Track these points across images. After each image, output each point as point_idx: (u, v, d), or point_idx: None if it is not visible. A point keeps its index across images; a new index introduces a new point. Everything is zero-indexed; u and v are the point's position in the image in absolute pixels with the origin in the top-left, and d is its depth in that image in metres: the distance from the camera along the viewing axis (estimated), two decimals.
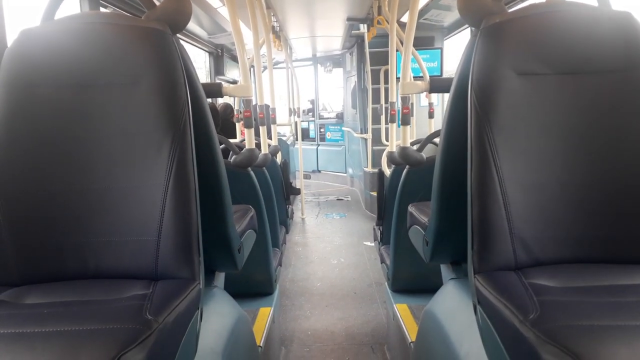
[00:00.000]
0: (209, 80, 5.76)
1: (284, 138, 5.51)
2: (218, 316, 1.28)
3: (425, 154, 2.12)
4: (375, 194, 3.70)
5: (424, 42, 5.15)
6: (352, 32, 5.47)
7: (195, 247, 1.03)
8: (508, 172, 1.02)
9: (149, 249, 1.01)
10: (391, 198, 2.47)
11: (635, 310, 0.78)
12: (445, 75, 5.13)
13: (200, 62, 5.75)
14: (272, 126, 3.29)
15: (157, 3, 1.15)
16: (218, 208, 1.28)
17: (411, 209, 1.69)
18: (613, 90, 1.05)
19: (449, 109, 1.26)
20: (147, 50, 1.06)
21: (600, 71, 1.06)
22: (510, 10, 1.13)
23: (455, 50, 5.40)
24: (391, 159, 2.50)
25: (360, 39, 5.82)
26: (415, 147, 2.31)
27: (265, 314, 2.18)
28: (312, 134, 8.38)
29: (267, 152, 2.56)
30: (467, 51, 1.17)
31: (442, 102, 5.26)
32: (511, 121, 1.04)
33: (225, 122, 4.17)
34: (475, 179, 1.03)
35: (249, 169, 2.21)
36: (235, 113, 3.82)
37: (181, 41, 1.14)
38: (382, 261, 2.68)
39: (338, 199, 6.66)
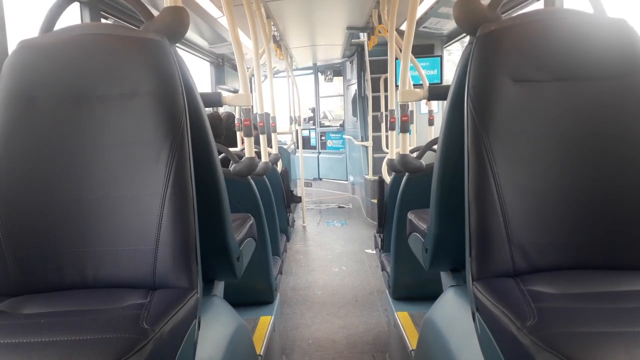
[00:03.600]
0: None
1: (284, 146, 5.52)
2: (217, 325, 1.27)
3: (425, 161, 2.12)
4: (376, 201, 3.70)
5: (423, 50, 5.18)
6: (353, 40, 5.51)
7: (193, 256, 1.03)
8: (505, 179, 1.02)
9: (147, 258, 1.01)
10: (391, 205, 2.46)
11: (634, 317, 0.77)
12: (445, 83, 5.14)
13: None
14: (272, 134, 3.30)
15: (156, 14, 1.16)
16: (216, 216, 1.28)
17: (410, 216, 1.69)
18: (609, 96, 1.05)
19: (446, 117, 1.26)
20: (145, 60, 1.07)
21: (596, 78, 1.06)
22: (506, 18, 1.14)
23: (456, 57, 5.43)
24: (391, 167, 2.50)
25: (360, 47, 5.85)
26: (415, 155, 2.32)
27: (265, 322, 2.17)
28: (313, 142, 8.40)
29: (267, 160, 2.57)
30: (464, 58, 1.17)
31: (442, 109, 5.27)
32: (508, 128, 1.04)
33: (227, 131, 4.18)
34: (472, 186, 1.03)
35: (249, 177, 2.22)
36: (236, 122, 3.83)
37: (182, 51, 1.14)
38: (383, 269, 2.68)
39: (339, 207, 6.66)
